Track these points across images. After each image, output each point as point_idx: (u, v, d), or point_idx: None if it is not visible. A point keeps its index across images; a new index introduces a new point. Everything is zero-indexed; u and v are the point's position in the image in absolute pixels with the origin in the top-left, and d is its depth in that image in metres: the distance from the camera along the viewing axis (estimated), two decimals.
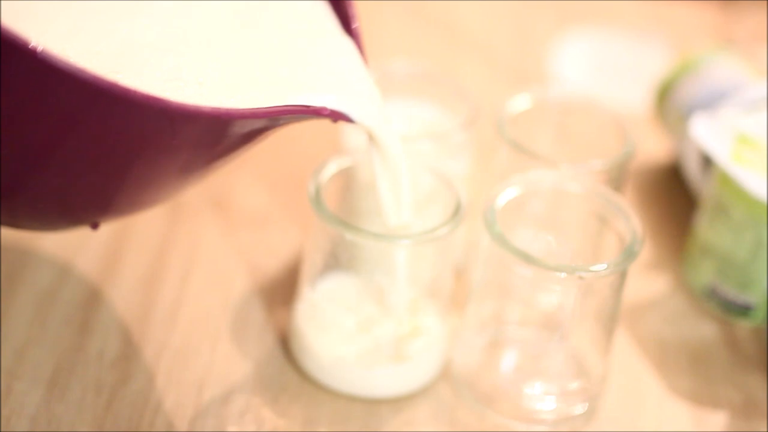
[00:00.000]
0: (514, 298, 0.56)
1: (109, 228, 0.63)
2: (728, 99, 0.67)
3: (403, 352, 0.55)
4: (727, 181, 0.62)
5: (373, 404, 0.56)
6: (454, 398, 0.57)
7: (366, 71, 0.50)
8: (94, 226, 0.49)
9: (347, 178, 0.57)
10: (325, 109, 0.48)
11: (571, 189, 0.57)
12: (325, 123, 0.70)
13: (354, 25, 0.51)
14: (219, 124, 0.44)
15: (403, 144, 0.51)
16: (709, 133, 0.63)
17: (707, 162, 0.66)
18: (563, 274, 0.52)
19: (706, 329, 0.63)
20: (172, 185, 0.48)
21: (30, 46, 0.38)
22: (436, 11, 0.88)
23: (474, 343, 0.57)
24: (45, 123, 0.41)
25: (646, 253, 0.66)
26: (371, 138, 0.51)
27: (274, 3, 0.51)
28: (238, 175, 0.69)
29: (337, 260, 0.54)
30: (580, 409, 0.56)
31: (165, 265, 0.62)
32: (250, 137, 0.47)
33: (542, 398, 0.56)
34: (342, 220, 0.53)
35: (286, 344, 0.58)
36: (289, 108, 0.47)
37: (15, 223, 0.49)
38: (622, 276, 0.54)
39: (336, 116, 0.48)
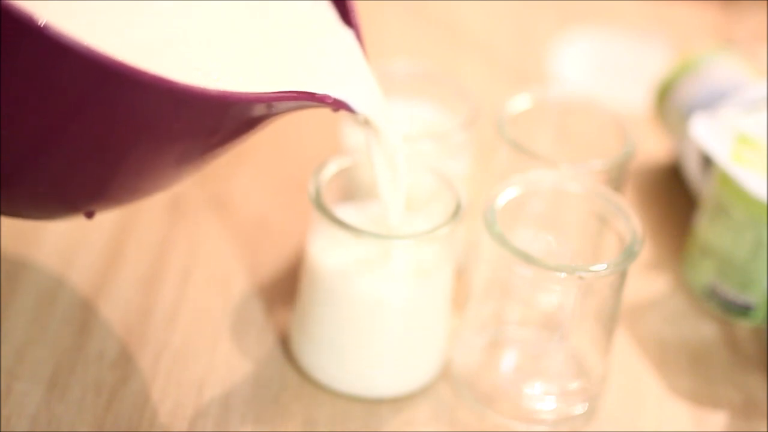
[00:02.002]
0: (514, 298, 0.56)
1: (109, 228, 0.63)
2: (728, 99, 0.67)
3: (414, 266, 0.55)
4: (727, 181, 0.62)
5: (373, 404, 0.56)
6: (454, 398, 0.57)
7: (366, 62, 0.51)
8: (89, 215, 0.49)
9: (347, 178, 0.57)
10: (328, 97, 0.48)
11: (571, 189, 0.57)
12: (325, 123, 0.70)
13: (353, 17, 0.51)
14: (224, 107, 0.44)
15: (401, 136, 0.52)
16: (709, 133, 0.63)
17: (707, 162, 0.66)
18: (563, 274, 0.52)
19: (706, 329, 0.63)
20: (173, 172, 0.48)
21: (34, 22, 0.38)
22: (437, 11, 0.88)
23: (474, 343, 0.57)
24: (48, 103, 0.41)
25: (646, 253, 0.66)
26: (370, 128, 0.51)
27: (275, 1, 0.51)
28: (238, 175, 0.69)
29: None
30: (580, 409, 0.56)
31: (165, 265, 0.62)
32: (253, 123, 0.47)
33: (542, 398, 0.56)
34: (342, 221, 0.53)
35: (286, 344, 0.58)
36: (293, 94, 0.47)
37: (14, 211, 0.49)
38: (622, 276, 0.54)
39: (338, 105, 0.49)
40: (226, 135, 0.47)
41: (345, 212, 0.55)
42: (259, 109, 0.46)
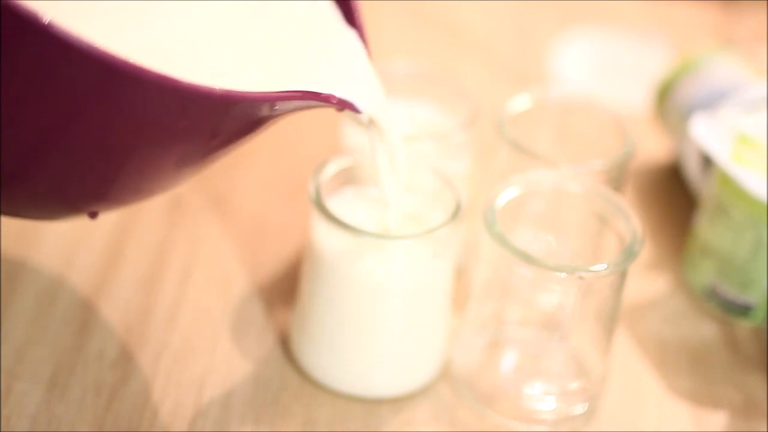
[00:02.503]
0: (514, 298, 0.56)
1: (109, 228, 0.63)
2: (728, 99, 0.67)
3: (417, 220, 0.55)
4: (727, 181, 0.62)
5: (373, 404, 0.56)
6: (454, 398, 0.57)
7: (369, 62, 0.51)
8: (93, 215, 0.49)
9: (347, 178, 0.57)
10: (333, 96, 0.48)
11: (571, 189, 0.57)
12: (325, 123, 0.70)
13: (357, 17, 0.51)
14: (229, 106, 0.44)
15: (401, 134, 0.53)
16: (709, 133, 0.63)
17: (707, 162, 0.66)
18: (563, 274, 0.52)
19: (706, 329, 0.63)
20: (177, 172, 0.48)
21: (41, 21, 0.38)
22: (436, 11, 0.88)
23: (474, 343, 0.57)
24: (53, 102, 0.41)
25: (646, 253, 0.66)
26: (373, 127, 0.51)
27: (279, 1, 0.51)
28: (238, 176, 0.69)
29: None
30: (580, 409, 0.56)
31: (165, 265, 0.62)
32: (257, 123, 0.47)
33: (542, 398, 0.56)
34: (342, 220, 0.53)
35: (286, 344, 0.58)
36: (298, 93, 0.47)
37: (19, 211, 0.49)
38: (622, 276, 0.54)
39: (343, 105, 0.49)
40: (231, 135, 0.47)
41: (346, 197, 0.56)
42: (263, 109, 0.46)
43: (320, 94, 0.48)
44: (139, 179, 0.47)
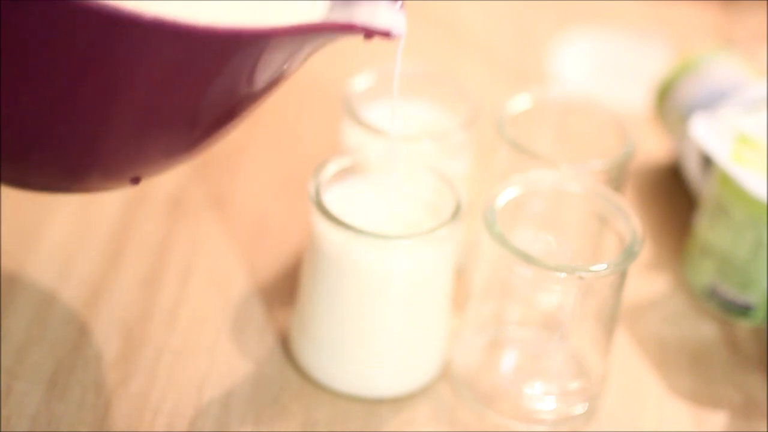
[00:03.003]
0: (514, 298, 0.56)
1: (109, 228, 0.63)
2: (728, 99, 0.67)
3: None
4: (727, 181, 0.62)
5: (373, 404, 0.56)
6: (454, 398, 0.57)
7: None
8: (135, 181, 0.48)
9: (348, 177, 0.57)
10: (355, 25, 0.47)
11: (571, 189, 0.57)
12: (325, 123, 0.70)
13: None
14: (237, 46, 0.43)
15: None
16: (709, 133, 0.63)
17: (707, 162, 0.66)
18: (563, 274, 0.52)
19: (706, 329, 0.63)
20: (192, 135, 0.47)
21: None
22: (437, 11, 0.88)
23: (474, 343, 0.57)
24: (52, 64, 0.40)
25: (646, 253, 0.66)
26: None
27: None
28: (238, 175, 0.69)
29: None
30: (580, 409, 0.56)
31: (165, 265, 0.62)
32: (269, 70, 0.46)
33: (542, 398, 0.56)
34: (342, 220, 0.53)
35: (286, 344, 0.58)
36: (319, 25, 0.46)
37: (23, 180, 0.48)
38: (622, 276, 0.54)
39: (369, 31, 0.48)
40: (249, 82, 0.46)
41: (354, 185, 0.56)
42: (276, 48, 0.45)
43: (343, 24, 0.47)
44: (168, 138, 0.46)
